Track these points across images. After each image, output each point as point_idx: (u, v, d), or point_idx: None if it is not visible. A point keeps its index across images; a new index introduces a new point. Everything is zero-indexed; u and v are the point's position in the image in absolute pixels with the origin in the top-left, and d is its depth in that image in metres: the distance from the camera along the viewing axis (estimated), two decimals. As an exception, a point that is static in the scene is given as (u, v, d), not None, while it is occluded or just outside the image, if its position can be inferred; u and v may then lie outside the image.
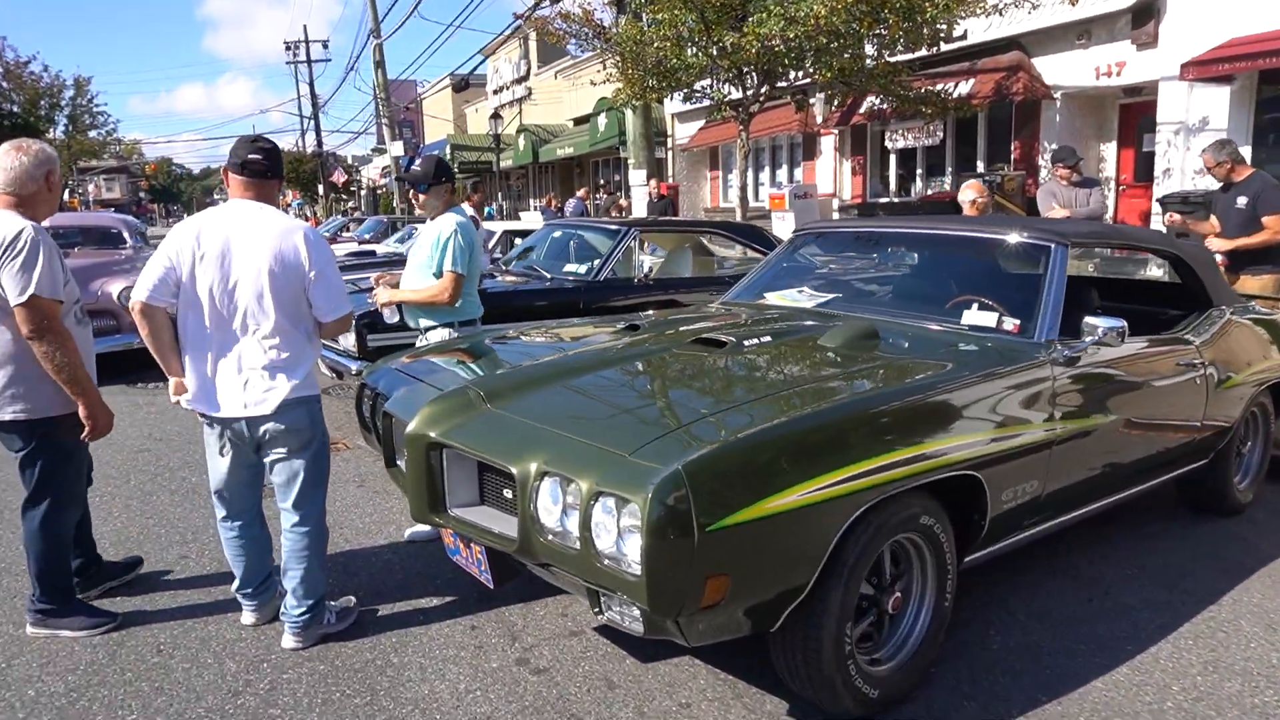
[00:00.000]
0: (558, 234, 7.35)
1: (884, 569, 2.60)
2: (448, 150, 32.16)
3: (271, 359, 2.93)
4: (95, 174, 76.18)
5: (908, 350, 3.09)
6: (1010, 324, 3.22)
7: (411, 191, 4.10)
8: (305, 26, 61.42)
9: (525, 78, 30.76)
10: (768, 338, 3.08)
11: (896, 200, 15.58)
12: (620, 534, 2.11)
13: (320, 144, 48.95)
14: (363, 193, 57.03)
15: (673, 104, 20.36)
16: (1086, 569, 3.66)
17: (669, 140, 21.90)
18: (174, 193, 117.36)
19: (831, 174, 17.01)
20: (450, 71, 37.07)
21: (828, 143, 16.98)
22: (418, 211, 4.27)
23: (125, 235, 9.55)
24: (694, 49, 11.08)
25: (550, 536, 2.27)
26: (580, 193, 16.15)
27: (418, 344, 4.08)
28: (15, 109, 35.17)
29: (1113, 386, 3.27)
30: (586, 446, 2.28)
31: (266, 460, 3.05)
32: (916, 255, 4.27)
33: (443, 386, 2.94)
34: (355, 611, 3.31)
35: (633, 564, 2.07)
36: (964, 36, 12.55)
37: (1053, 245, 3.38)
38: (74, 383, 3.04)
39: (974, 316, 3.31)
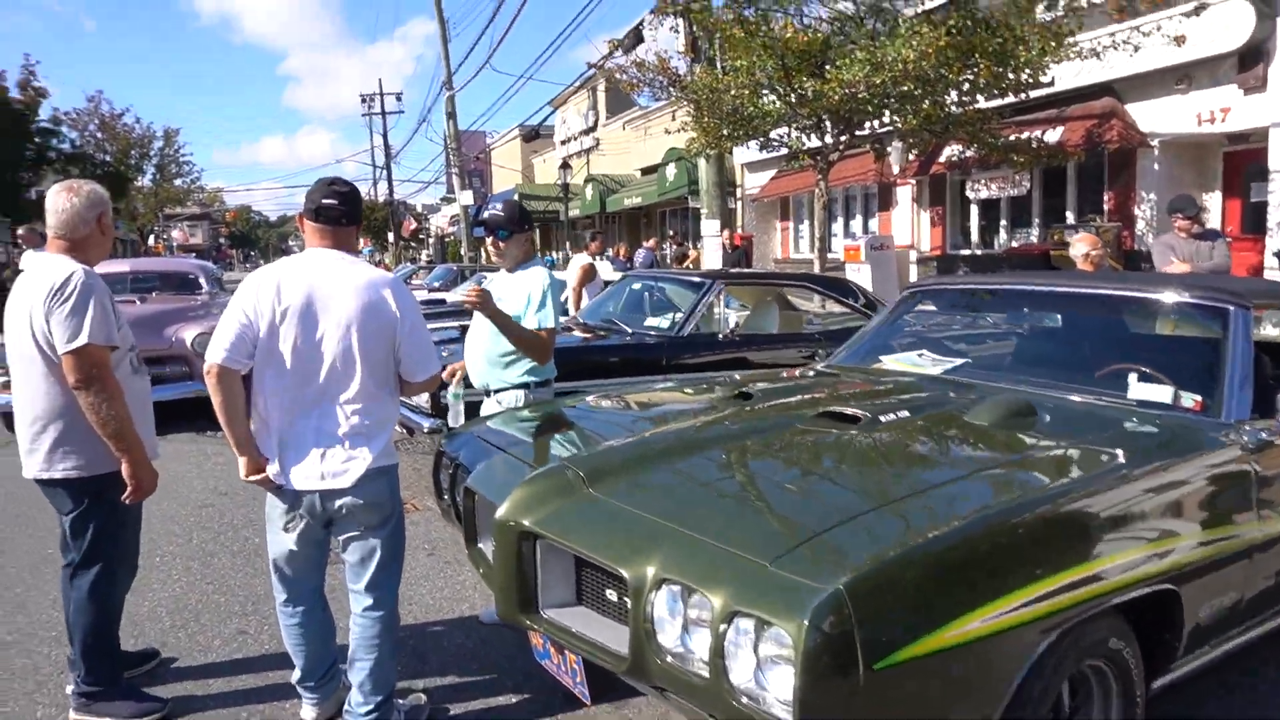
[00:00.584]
0: (636, 285, 7.04)
1: (1062, 703, 2.14)
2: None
3: (354, 425, 2.62)
4: (180, 220, 79.40)
5: (1072, 431, 2.64)
6: (1190, 400, 2.75)
7: (490, 239, 3.79)
8: (380, 80, 63.28)
9: (593, 128, 31.03)
10: (905, 413, 2.66)
11: (979, 253, 14.99)
12: (760, 665, 1.71)
13: (391, 192, 50.22)
14: (431, 240, 58.25)
15: (743, 153, 20.21)
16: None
17: (738, 190, 21.67)
18: (252, 239, 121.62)
19: (909, 225, 16.51)
20: (520, 122, 37.69)
21: (904, 193, 16.52)
22: (493, 259, 3.94)
23: (202, 281, 9.57)
24: (772, 96, 10.82)
25: (669, 658, 1.88)
26: (649, 243, 15.94)
27: (484, 407, 3.73)
28: (108, 158, 36.73)
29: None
30: (714, 549, 1.89)
31: (338, 538, 2.73)
32: (1053, 316, 3.81)
33: (532, 461, 2.59)
34: (426, 710, 2.95)
35: (779, 705, 1.67)
36: (1052, 83, 12.06)
37: (1232, 308, 2.91)
38: (119, 437, 2.79)
39: (1143, 390, 2.85)
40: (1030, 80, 10.05)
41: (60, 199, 2.87)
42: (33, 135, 26.90)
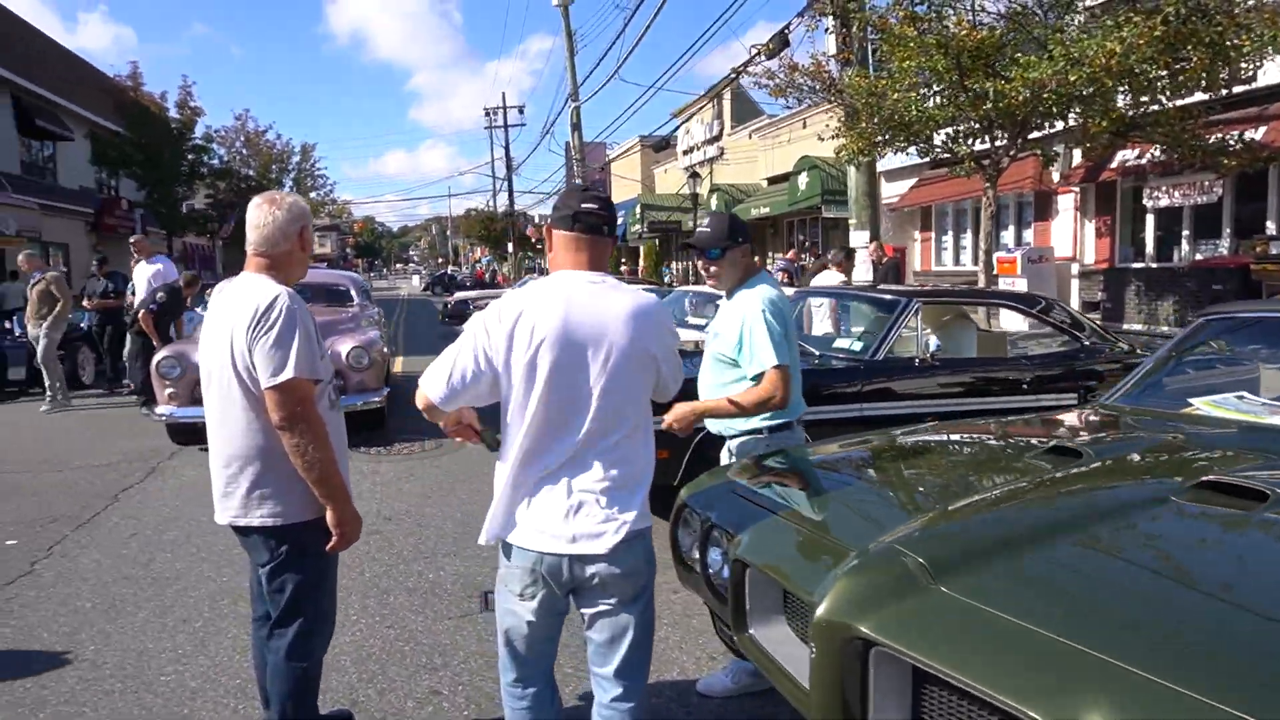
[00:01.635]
0: (818, 304, 6.46)
1: None
2: (638, 210, 32.38)
3: (614, 478, 2.17)
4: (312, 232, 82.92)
5: None
6: None
7: (701, 262, 3.27)
8: (504, 95, 64.50)
9: (718, 137, 30.56)
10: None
11: (1155, 266, 13.70)
12: None
13: (512, 203, 51.07)
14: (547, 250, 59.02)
15: (882, 161, 19.30)
16: None
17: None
18: (375, 249, 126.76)
19: (1070, 235, 15.30)
20: (649, 133, 37.53)
21: (1066, 201, 15.31)
22: (708, 283, 3.40)
23: (352, 293, 9.52)
24: (940, 98, 10.06)
25: None
26: (789, 254, 15.29)
27: (726, 456, 3.23)
28: (251, 172, 38.60)
29: None
30: (1194, 703, 1.31)
31: (585, 611, 2.28)
32: None
33: (827, 532, 2.07)
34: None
35: None
36: (1253, 78, 10.82)
37: None
38: (324, 482, 2.44)
39: None
40: (1246, 74, 8.96)
41: (261, 212, 2.55)
42: (187, 152, 28.40)
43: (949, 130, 10.68)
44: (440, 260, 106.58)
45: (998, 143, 10.40)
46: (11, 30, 25.65)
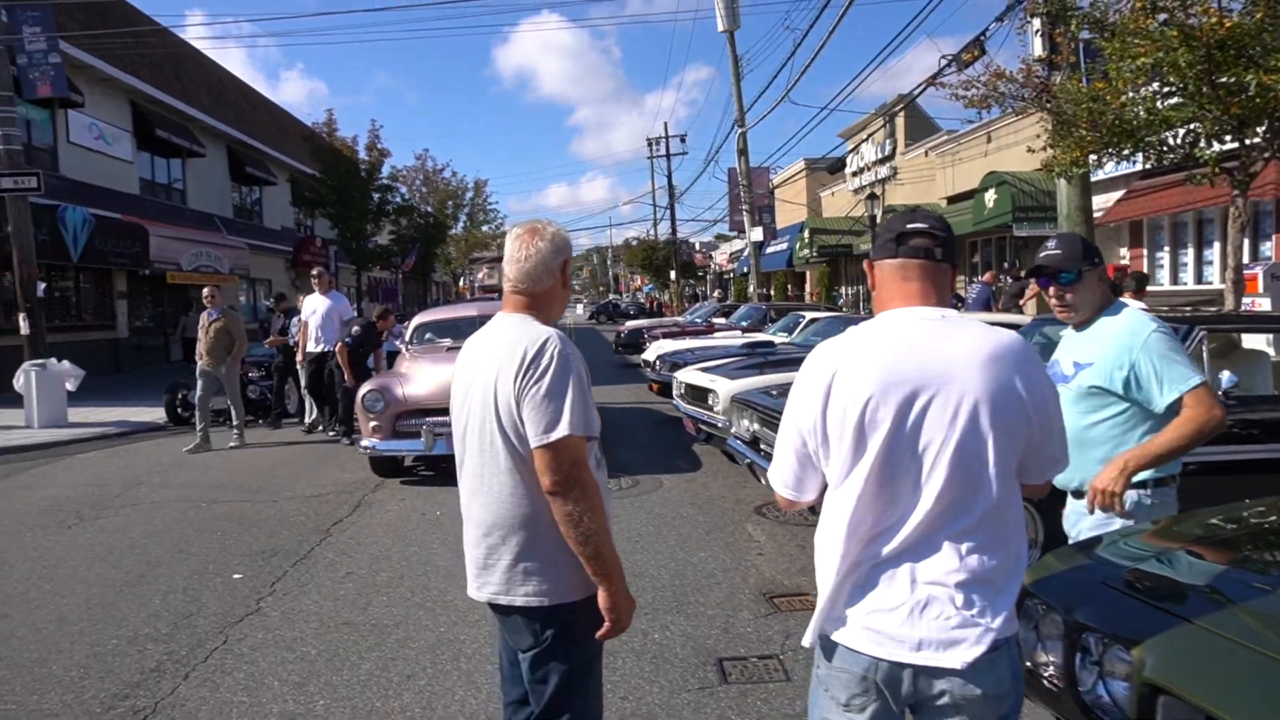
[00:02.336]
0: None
1: None
2: (806, 234, 31.61)
3: (973, 569, 1.68)
4: (482, 263, 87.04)
5: None
6: None
7: (1052, 289, 2.74)
8: (665, 124, 65.55)
9: (890, 157, 29.40)
10: None
11: None
12: None
13: (674, 231, 51.32)
14: (709, 277, 58.94)
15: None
16: None
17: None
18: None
19: (1322, 248, 13.39)
20: (810, 158, 36.80)
21: (1316, 209, 13.44)
22: (1058, 314, 2.82)
23: (543, 324, 9.46)
24: (1180, 97, 8.93)
25: None
26: (985, 276, 14.22)
27: (1073, 518, 2.68)
28: (429, 209, 40.71)
29: None
30: None
31: None
32: None
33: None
34: None
35: None
36: None
37: None
38: (599, 558, 2.07)
39: None
40: None
41: (521, 244, 2.23)
42: (374, 191, 30.18)
43: (1185, 133, 9.49)
44: (601, 289, 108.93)
45: (1250, 142, 9.12)
46: (228, 88, 28.19)
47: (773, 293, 34.69)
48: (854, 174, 32.58)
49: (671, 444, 9.06)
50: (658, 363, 11.37)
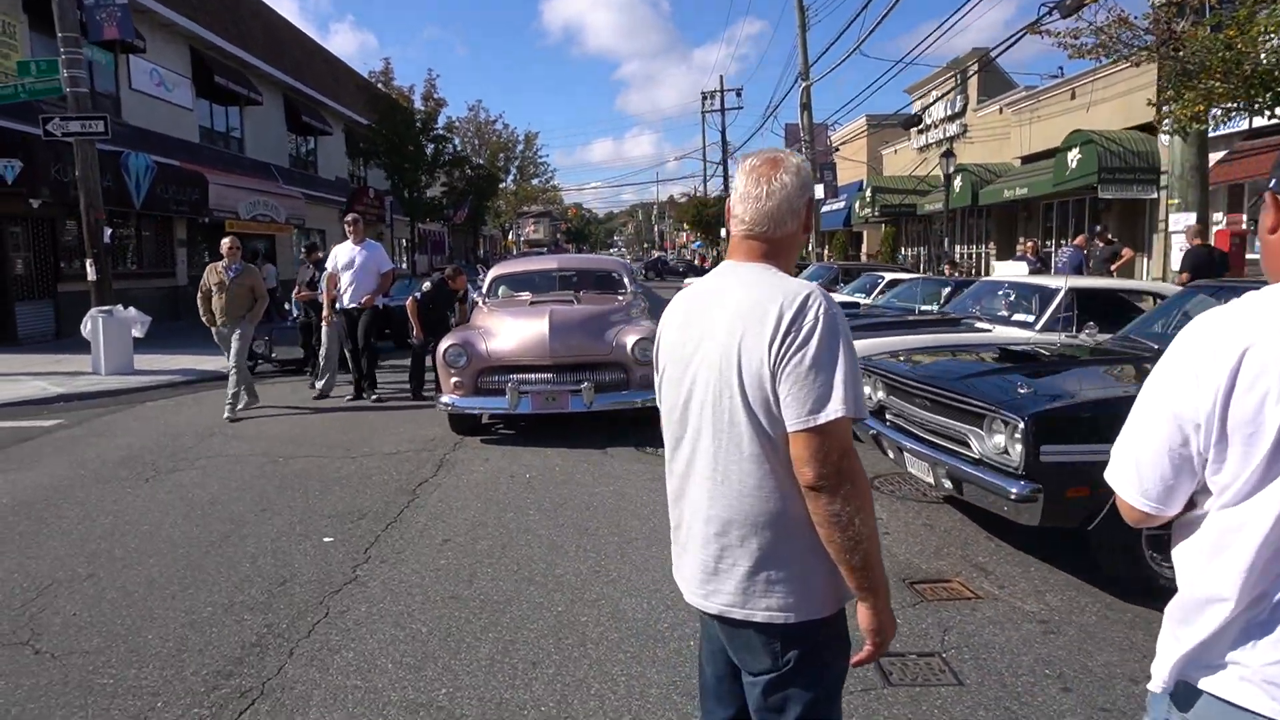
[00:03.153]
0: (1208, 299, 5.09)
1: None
2: (868, 192, 30.65)
3: None
4: (528, 218, 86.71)
5: None
6: None
7: None
8: (721, 78, 63.95)
9: (960, 114, 28.22)
10: None
11: None
12: None
13: (726, 187, 50.32)
14: (757, 236, 57.76)
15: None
16: None
17: (1163, 176, 18.10)
18: (584, 234, 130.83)
19: None
20: (893, 114, 35.61)
21: None
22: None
23: (625, 280, 9.01)
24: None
25: None
26: (1076, 240, 13.41)
27: None
28: (481, 161, 40.29)
29: None
30: None
31: None
32: None
33: None
34: None
35: None
36: None
37: None
38: (867, 568, 1.65)
39: None
40: None
41: (761, 178, 1.77)
42: (430, 141, 29.81)
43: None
44: (647, 246, 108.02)
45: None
46: (284, 35, 27.86)
47: (831, 253, 33.80)
48: (920, 131, 31.41)
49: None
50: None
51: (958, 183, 25.04)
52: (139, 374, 11.75)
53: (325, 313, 9.42)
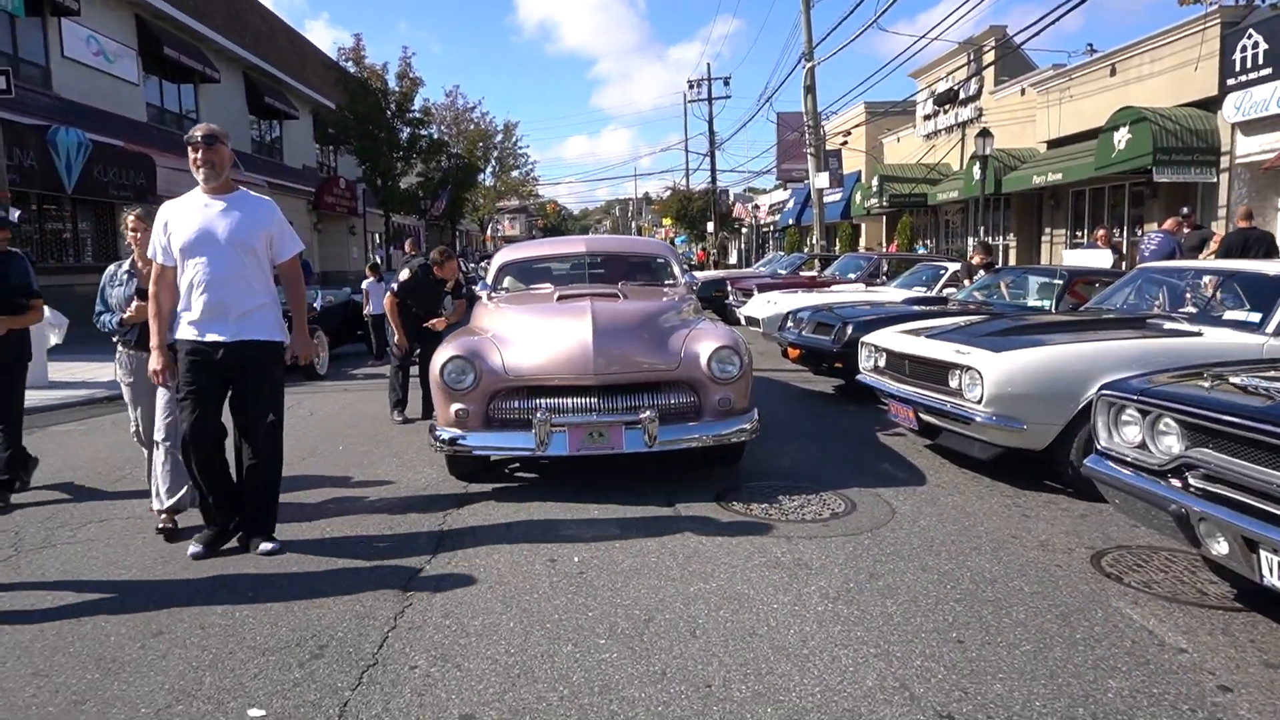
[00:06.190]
0: None
1: None
2: (874, 181, 28.80)
3: None
4: (504, 213, 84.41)
5: None
6: None
7: None
8: (709, 65, 62.03)
9: (975, 97, 26.39)
10: None
11: None
12: None
13: (714, 179, 48.40)
14: (743, 230, 55.82)
15: (1238, 110, 15.02)
16: None
17: (1223, 158, 16.36)
18: (560, 231, 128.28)
19: None
20: (923, 93, 33.73)
21: None
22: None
23: (673, 268, 6.93)
24: None
25: None
26: (1168, 224, 11.57)
27: None
28: (459, 150, 37.95)
29: None
30: None
31: None
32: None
33: None
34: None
35: None
36: None
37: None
38: None
39: None
40: None
41: None
42: (405, 125, 27.53)
43: None
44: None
45: None
46: (245, 8, 25.45)
47: (839, 246, 31.97)
48: (926, 117, 29.59)
49: (851, 434, 6.62)
50: (793, 320, 8.86)
51: (975, 170, 23.19)
52: (52, 388, 9.53)
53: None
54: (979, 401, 4.87)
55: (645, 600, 3.52)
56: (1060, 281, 7.94)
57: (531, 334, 5.16)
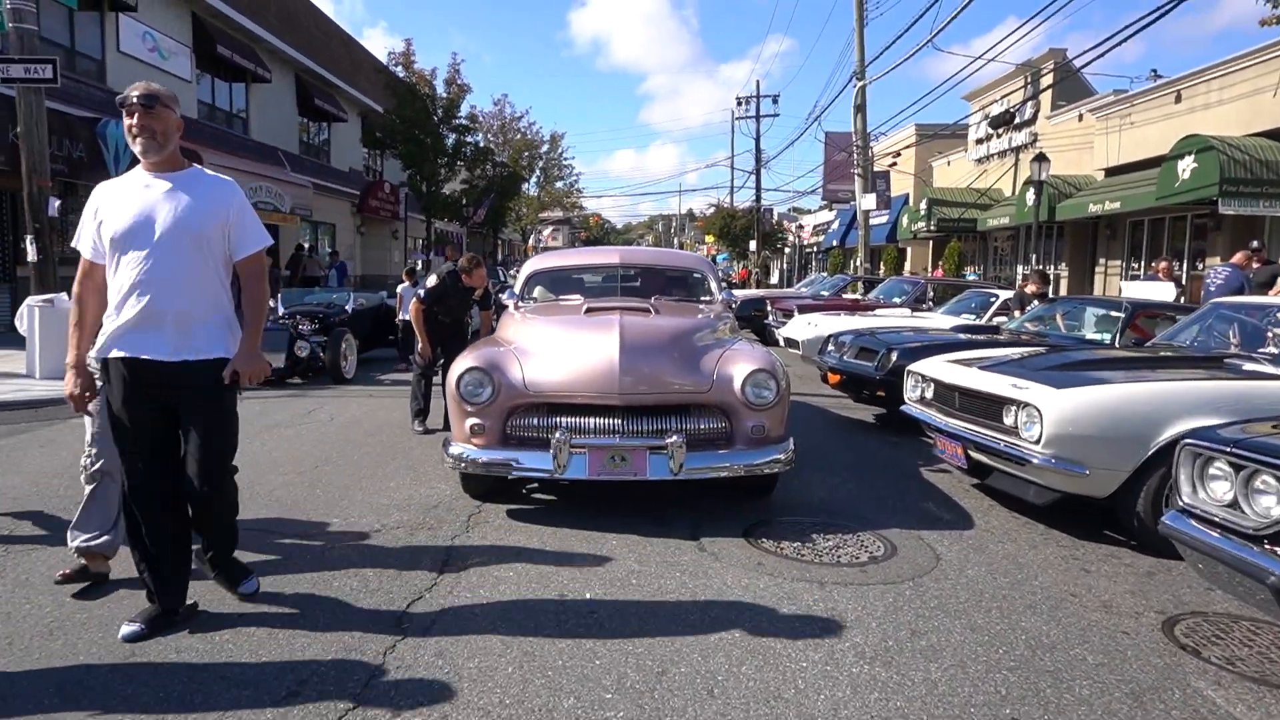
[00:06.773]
0: None
1: None
2: (923, 205, 28.21)
3: None
4: (547, 224, 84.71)
5: None
6: None
7: None
8: (758, 82, 61.70)
9: (1030, 121, 25.75)
10: None
11: None
12: None
13: (759, 197, 47.98)
14: (786, 250, 55.23)
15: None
16: None
17: None
18: (602, 244, 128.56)
19: None
20: (952, 124, 33.21)
21: None
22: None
23: (710, 283, 6.59)
24: None
25: None
26: (1237, 257, 10.97)
27: None
28: (504, 159, 38.02)
29: None
30: None
31: None
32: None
33: None
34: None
35: None
36: None
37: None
38: None
39: None
40: None
41: None
42: (451, 131, 27.57)
43: None
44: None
45: None
46: (299, 10, 25.71)
47: (885, 269, 31.38)
48: (978, 141, 28.96)
49: (892, 468, 6.22)
50: (834, 344, 8.46)
51: (1029, 196, 22.54)
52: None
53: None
54: (1037, 441, 4.46)
55: (659, 649, 3.18)
56: (1123, 314, 7.46)
57: (555, 347, 4.86)
